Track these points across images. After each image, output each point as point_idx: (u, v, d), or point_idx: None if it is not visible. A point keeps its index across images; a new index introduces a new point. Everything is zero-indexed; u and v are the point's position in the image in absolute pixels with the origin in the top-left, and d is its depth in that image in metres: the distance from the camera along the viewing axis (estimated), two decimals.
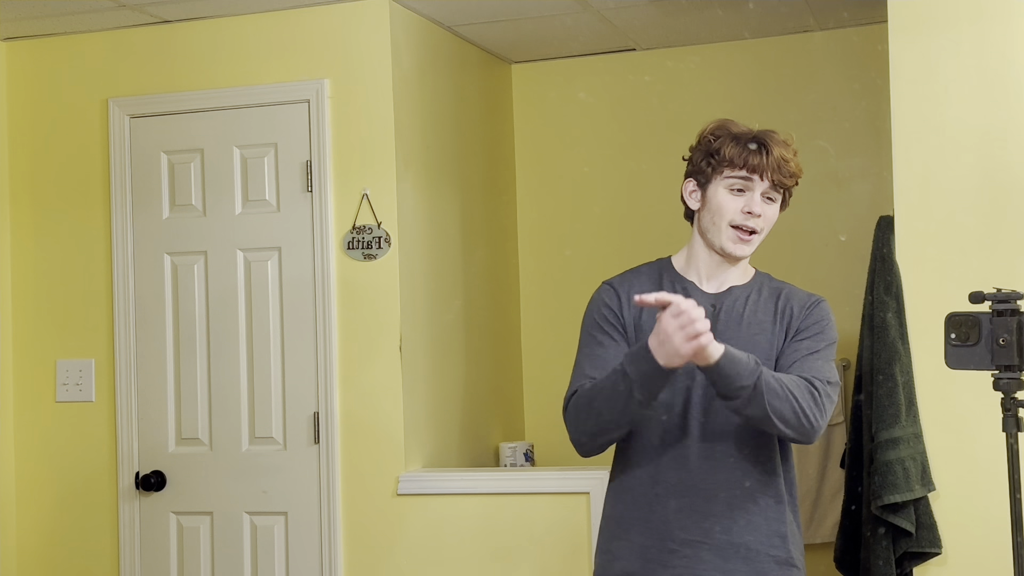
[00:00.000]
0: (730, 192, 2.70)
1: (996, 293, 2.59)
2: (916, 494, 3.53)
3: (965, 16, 3.62)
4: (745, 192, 2.70)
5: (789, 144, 2.74)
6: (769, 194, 2.71)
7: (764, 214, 2.70)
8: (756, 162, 2.68)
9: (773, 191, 2.72)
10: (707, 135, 2.76)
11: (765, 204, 2.71)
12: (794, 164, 2.73)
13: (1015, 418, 2.58)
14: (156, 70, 4.49)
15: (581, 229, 5.14)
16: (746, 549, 2.65)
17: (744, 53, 4.99)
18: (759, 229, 2.71)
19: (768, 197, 2.71)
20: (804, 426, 2.57)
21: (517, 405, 5.17)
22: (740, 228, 2.70)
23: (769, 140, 2.71)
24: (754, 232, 2.71)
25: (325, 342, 4.27)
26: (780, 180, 2.70)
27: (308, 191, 4.32)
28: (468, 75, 4.91)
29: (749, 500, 2.67)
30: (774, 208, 2.74)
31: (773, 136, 2.73)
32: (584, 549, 4.02)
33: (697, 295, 2.74)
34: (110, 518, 4.48)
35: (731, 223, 2.70)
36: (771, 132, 2.75)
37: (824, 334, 2.72)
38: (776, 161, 2.69)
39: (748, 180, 2.69)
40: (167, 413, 4.44)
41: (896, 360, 3.60)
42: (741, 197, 2.70)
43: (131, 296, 4.48)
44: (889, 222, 3.70)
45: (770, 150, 2.69)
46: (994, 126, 3.59)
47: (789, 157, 2.71)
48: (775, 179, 2.69)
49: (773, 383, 2.53)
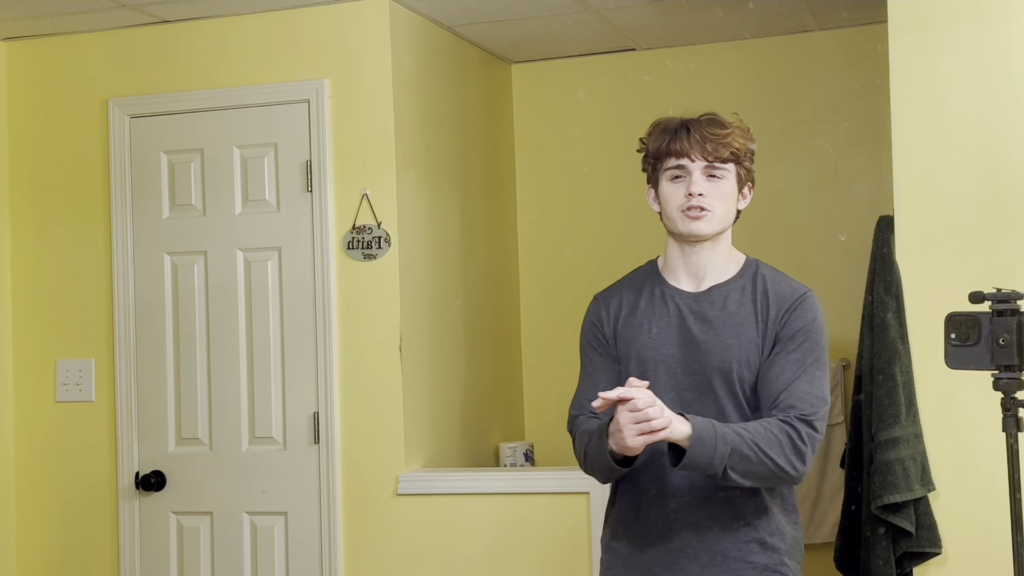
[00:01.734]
0: (672, 182, 2.73)
1: (996, 293, 2.59)
2: (916, 494, 3.53)
3: (965, 16, 3.62)
4: (683, 177, 2.72)
5: (723, 121, 2.75)
6: (711, 171, 2.71)
7: (709, 192, 2.70)
8: (681, 146, 2.70)
9: (715, 168, 2.71)
10: (642, 139, 2.80)
11: (708, 182, 2.71)
12: (730, 137, 2.72)
13: (1015, 418, 2.58)
14: (156, 70, 4.49)
15: (581, 229, 5.14)
16: (723, 556, 2.66)
17: (744, 53, 4.99)
18: (708, 207, 2.70)
19: (711, 175, 2.71)
20: (784, 479, 2.61)
21: (517, 405, 5.17)
22: (688, 209, 2.70)
23: (693, 122, 2.73)
24: (704, 209, 2.70)
25: (325, 342, 4.27)
26: (714, 154, 2.70)
27: (308, 191, 4.32)
28: (468, 75, 4.91)
29: (727, 508, 2.68)
30: (724, 184, 2.73)
31: (700, 118, 2.75)
32: (584, 549, 4.02)
33: (678, 297, 2.75)
34: (110, 518, 4.48)
35: (679, 208, 2.71)
36: (701, 116, 2.76)
37: (810, 341, 2.68)
38: (702, 138, 2.70)
39: (681, 166, 2.71)
40: (167, 413, 4.44)
41: (896, 360, 3.59)
42: (682, 183, 2.72)
43: (131, 296, 4.48)
44: (889, 222, 3.70)
45: (692, 130, 2.71)
46: (994, 126, 3.59)
47: (719, 132, 2.72)
48: (708, 156, 2.70)
49: (746, 452, 2.54)
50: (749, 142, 2.77)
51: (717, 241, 2.75)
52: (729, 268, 2.78)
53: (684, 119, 2.75)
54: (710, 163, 2.71)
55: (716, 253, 2.76)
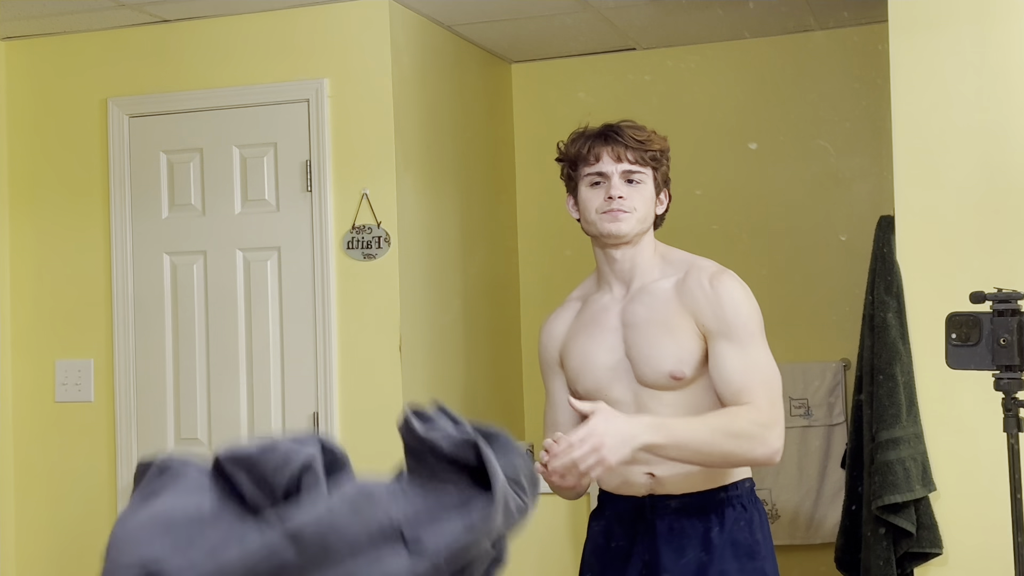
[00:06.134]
0: (591, 188, 2.75)
1: (997, 293, 2.59)
2: (917, 494, 3.53)
3: (965, 16, 3.62)
4: (602, 183, 2.74)
5: (640, 126, 2.77)
6: (630, 176, 2.73)
7: (628, 195, 2.72)
8: (601, 150, 2.73)
9: (632, 168, 2.73)
10: (560, 147, 2.84)
11: (627, 186, 2.73)
12: (648, 141, 2.74)
13: (1016, 418, 2.58)
14: (155, 70, 4.49)
15: (581, 229, 5.13)
16: None
17: (744, 53, 4.99)
18: (628, 209, 2.72)
19: (629, 180, 2.73)
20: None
21: (517, 405, 5.17)
22: (607, 212, 2.72)
23: (610, 128, 2.76)
24: (623, 211, 2.72)
25: (325, 342, 4.27)
26: (637, 155, 2.72)
27: (308, 191, 4.32)
28: (468, 75, 4.90)
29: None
30: (643, 189, 2.74)
31: (618, 124, 2.77)
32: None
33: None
34: (110, 518, 4.48)
35: (597, 210, 2.74)
36: (620, 121, 2.79)
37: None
38: (620, 142, 2.72)
39: (601, 171, 2.73)
40: (166, 413, 4.44)
41: (897, 360, 3.59)
42: (600, 188, 2.74)
43: (130, 296, 4.48)
44: (889, 222, 3.70)
45: (609, 136, 2.74)
46: (994, 126, 3.59)
47: (636, 135, 2.74)
48: (629, 156, 2.72)
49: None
50: (665, 147, 2.79)
51: (639, 243, 2.77)
52: (657, 268, 2.79)
53: (603, 126, 2.78)
54: (629, 166, 2.73)
55: (644, 255, 2.78)
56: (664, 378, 2.68)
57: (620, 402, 2.69)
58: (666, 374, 2.67)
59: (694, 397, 2.69)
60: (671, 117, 4.96)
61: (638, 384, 2.71)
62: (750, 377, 2.64)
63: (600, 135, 2.76)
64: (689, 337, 2.68)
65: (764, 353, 2.69)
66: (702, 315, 2.68)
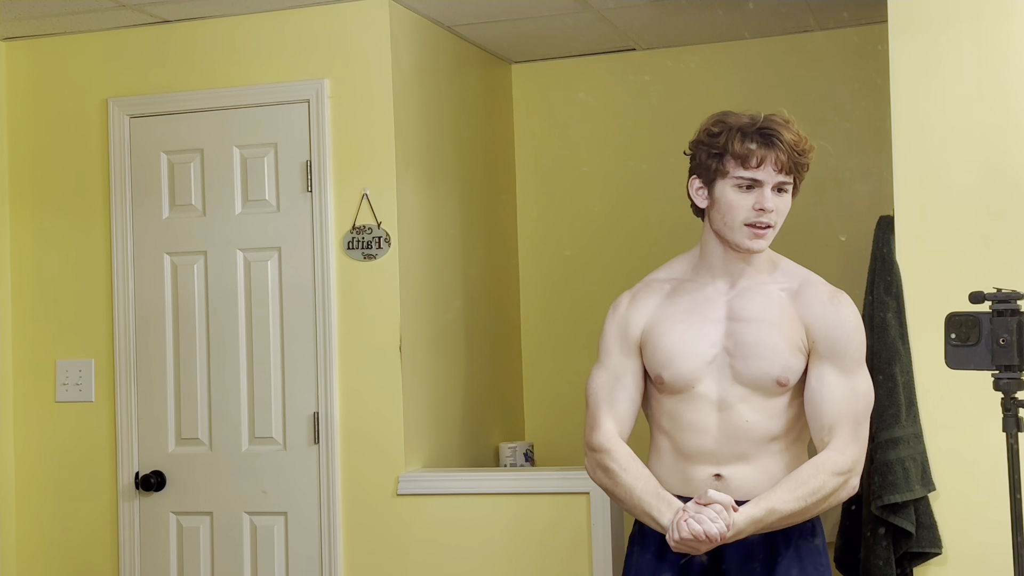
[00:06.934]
0: (739, 190, 2.62)
1: (996, 293, 2.59)
2: (916, 494, 3.53)
3: (965, 16, 3.62)
4: (754, 188, 2.61)
5: (791, 123, 2.65)
6: (780, 184, 2.62)
7: (777, 207, 2.63)
8: (763, 155, 2.59)
9: (785, 179, 2.62)
10: (707, 130, 2.66)
11: (776, 196, 2.63)
12: (803, 142, 2.63)
13: (1015, 418, 2.58)
14: (156, 70, 4.49)
15: (581, 229, 5.14)
16: None
17: (744, 53, 4.99)
18: (773, 223, 2.64)
19: (779, 188, 2.63)
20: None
21: (517, 405, 5.17)
22: (755, 225, 2.62)
23: (772, 128, 2.61)
24: (770, 227, 2.64)
25: (325, 342, 4.27)
26: (794, 162, 2.61)
27: (308, 191, 4.32)
28: (468, 75, 4.91)
29: None
30: (786, 198, 2.66)
31: (774, 121, 2.63)
32: (584, 549, 4.02)
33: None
34: (110, 518, 4.48)
35: (744, 222, 2.62)
36: (772, 118, 2.64)
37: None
38: (787, 147, 2.60)
39: (756, 177, 2.60)
40: (167, 413, 4.44)
41: (896, 360, 3.59)
42: (751, 194, 2.61)
43: (131, 296, 4.48)
44: (889, 222, 3.70)
45: (774, 138, 2.60)
46: (994, 126, 3.59)
47: (796, 138, 2.62)
48: (787, 165, 2.60)
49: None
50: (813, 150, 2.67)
51: None
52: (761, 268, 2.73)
53: (759, 124, 2.62)
54: (786, 172, 2.61)
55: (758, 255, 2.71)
56: (768, 379, 2.62)
57: (704, 397, 2.63)
58: (772, 376, 2.61)
59: (780, 408, 2.64)
60: (671, 117, 4.97)
61: (732, 381, 2.63)
62: (843, 411, 2.61)
63: (762, 134, 2.59)
64: (798, 347, 2.63)
65: (865, 382, 2.66)
66: (815, 331, 2.63)
